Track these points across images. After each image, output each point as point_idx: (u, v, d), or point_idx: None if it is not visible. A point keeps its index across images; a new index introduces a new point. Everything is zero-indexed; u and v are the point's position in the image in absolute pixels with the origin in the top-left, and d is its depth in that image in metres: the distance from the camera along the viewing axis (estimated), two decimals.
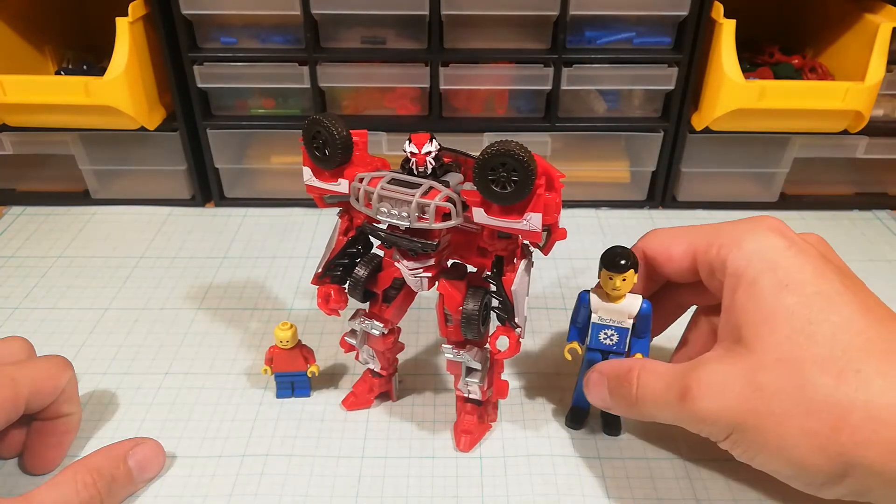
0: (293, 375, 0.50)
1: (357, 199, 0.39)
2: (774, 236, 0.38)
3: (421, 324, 0.58)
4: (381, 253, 0.44)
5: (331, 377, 0.53)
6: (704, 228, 0.42)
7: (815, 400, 0.33)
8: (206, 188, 0.77)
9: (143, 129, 0.70)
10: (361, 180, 0.39)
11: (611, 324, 0.43)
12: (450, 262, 0.44)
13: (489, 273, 0.42)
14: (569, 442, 0.47)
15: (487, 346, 0.43)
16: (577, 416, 0.48)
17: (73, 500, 0.38)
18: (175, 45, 0.68)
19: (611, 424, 0.48)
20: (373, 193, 0.38)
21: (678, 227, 0.44)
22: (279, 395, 0.51)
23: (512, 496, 0.43)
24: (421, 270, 0.41)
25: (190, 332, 0.57)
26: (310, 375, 0.50)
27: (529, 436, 0.48)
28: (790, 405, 0.33)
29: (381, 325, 0.45)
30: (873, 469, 0.32)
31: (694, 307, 0.48)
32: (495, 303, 0.41)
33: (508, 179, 0.35)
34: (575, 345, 0.46)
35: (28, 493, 0.38)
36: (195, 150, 0.74)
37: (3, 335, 0.48)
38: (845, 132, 0.71)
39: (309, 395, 0.51)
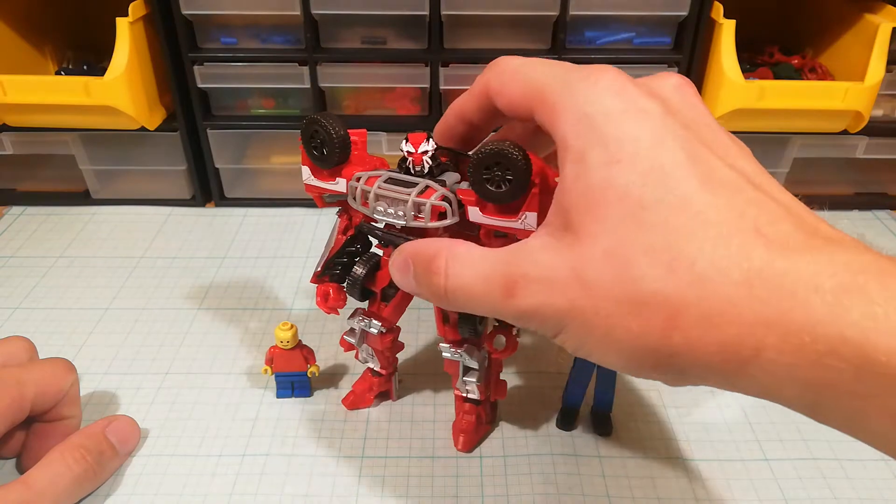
0: (293, 375, 0.50)
1: (354, 198, 0.39)
2: (610, 98, 0.30)
3: (421, 323, 0.58)
4: (379, 252, 0.44)
5: (331, 377, 0.53)
6: (545, 72, 0.33)
7: (643, 297, 0.28)
8: (207, 188, 0.77)
9: (143, 129, 0.70)
10: (359, 179, 0.39)
11: None
12: None
13: None
14: (569, 441, 0.47)
15: (485, 345, 0.43)
16: (568, 417, 0.48)
17: (68, 475, 0.40)
18: (175, 45, 0.68)
19: (601, 425, 0.48)
20: (369, 192, 0.38)
21: (526, 60, 0.35)
22: (279, 395, 0.51)
23: (512, 496, 0.43)
24: None
25: (190, 332, 0.57)
26: (310, 376, 0.50)
27: (529, 436, 0.48)
28: (617, 304, 0.28)
29: (380, 323, 0.45)
30: (700, 364, 0.28)
31: None
32: None
33: (503, 178, 0.35)
34: None
35: (23, 475, 0.39)
36: (195, 150, 0.74)
37: (3, 335, 0.48)
38: (845, 132, 0.71)
39: (309, 395, 0.51)
